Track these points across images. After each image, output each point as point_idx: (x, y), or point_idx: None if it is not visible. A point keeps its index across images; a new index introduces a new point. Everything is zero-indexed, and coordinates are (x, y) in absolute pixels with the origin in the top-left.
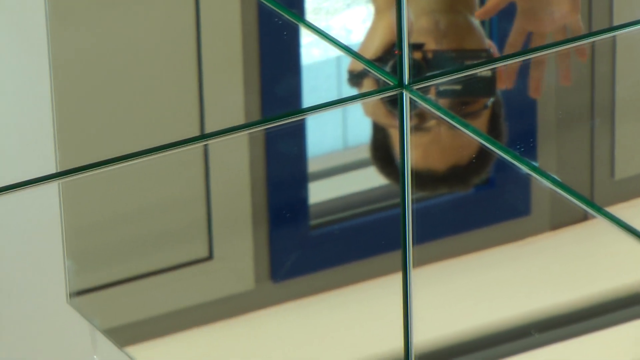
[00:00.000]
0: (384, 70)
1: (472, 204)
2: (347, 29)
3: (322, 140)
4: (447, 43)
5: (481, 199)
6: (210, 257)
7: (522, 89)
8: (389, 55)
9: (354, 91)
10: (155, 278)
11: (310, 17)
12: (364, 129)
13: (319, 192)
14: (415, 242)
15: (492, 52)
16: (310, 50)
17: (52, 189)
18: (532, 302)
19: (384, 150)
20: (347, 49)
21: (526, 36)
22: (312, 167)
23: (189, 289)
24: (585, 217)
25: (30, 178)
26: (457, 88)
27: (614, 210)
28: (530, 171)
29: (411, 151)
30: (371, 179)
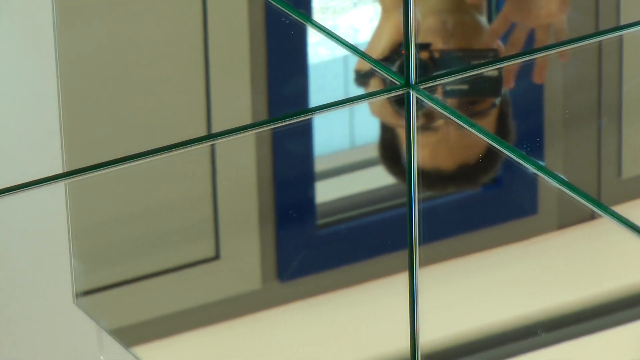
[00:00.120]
0: (391, 70)
1: (479, 204)
2: (354, 28)
3: (329, 139)
4: (455, 42)
5: (488, 198)
6: (217, 257)
7: (528, 88)
8: (396, 55)
9: (361, 91)
10: (162, 278)
11: (318, 16)
12: (372, 128)
13: (326, 191)
14: (422, 242)
15: (499, 51)
16: (318, 50)
17: (59, 189)
18: (539, 301)
19: (392, 149)
20: (354, 49)
21: (509, 26)
22: (319, 166)
23: (196, 289)
24: (592, 217)
25: (37, 178)
26: (464, 88)
27: (621, 209)
28: (537, 171)
29: (419, 150)
30: (379, 178)
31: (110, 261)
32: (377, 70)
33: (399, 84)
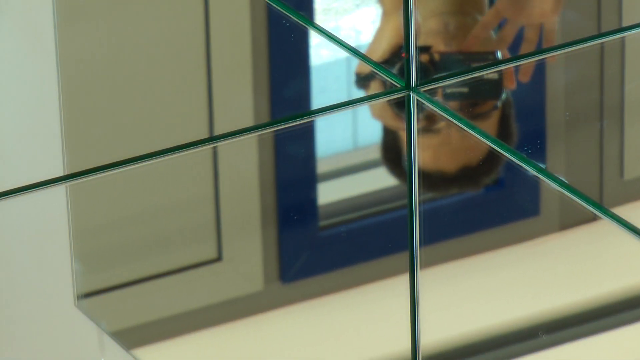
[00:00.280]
0: (392, 72)
1: (480, 205)
2: (357, 30)
3: (330, 141)
4: (456, 45)
5: (490, 200)
6: (219, 259)
7: (528, 90)
8: (397, 58)
9: (362, 93)
10: (164, 280)
11: (320, 17)
12: (374, 129)
13: (329, 192)
14: (423, 243)
15: (500, 54)
16: (320, 51)
17: (60, 191)
18: (541, 303)
19: (394, 151)
20: (354, 52)
21: (500, 20)
22: (321, 168)
23: (198, 291)
24: (595, 218)
25: (38, 181)
26: (464, 90)
27: (623, 210)
28: (538, 173)
29: (421, 153)
30: (381, 179)
31: (111, 263)
32: (378, 72)
33: (399, 86)
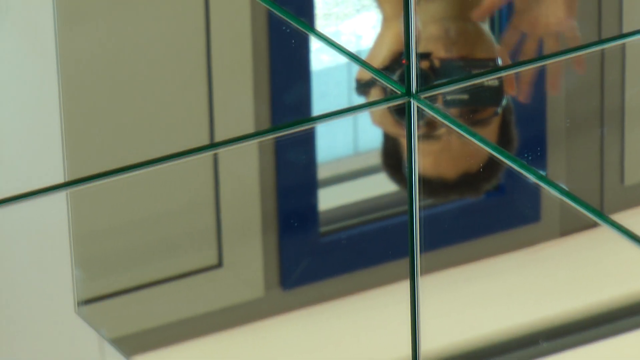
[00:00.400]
0: (392, 79)
1: (480, 211)
2: (357, 35)
3: (331, 146)
4: (457, 50)
5: (490, 206)
6: (220, 265)
7: (529, 96)
8: (397, 65)
9: (363, 99)
10: (164, 286)
11: (321, 22)
12: (374, 135)
13: (329, 198)
14: (423, 250)
15: (501, 60)
16: (320, 56)
17: (60, 198)
18: (541, 309)
19: (395, 157)
20: (355, 58)
21: (520, 36)
22: (322, 173)
23: (198, 297)
24: (596, 224)
25: (38, 187)
26: (464, 97)
27: (624, 216)
28: (538, 180)
29: (422, 159)
30: (382, 185)
31: (112, 270)
32: (378, 79)
33: (399, 93)
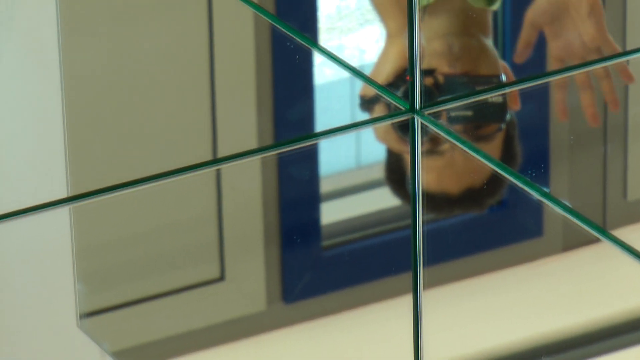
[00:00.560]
0: (396, 95)
1: (483, 226)
2: (361, 49)
3: (334, 160)
4: (461, 66)
5: (493, 221)
6: (222, 279)
7: (530, 113)
8: (401, 81)
9: (366, 115)
10: (166, 300)
11: (324, 36)
12: (377, 148)
13: (332, 212)
14: (426, 264)
15: (505, 76)
16: (323, 70)
17: (64, 213)
18: (543, 324)
19: (399, 172)
20: (359, 74)
21: (566, 64)
22: (325, 187)
23: (200, 311)
24: (599, 239)
25: (41, 202)
26: (468, 114)
27: (626, 231)
28: (542, 197)
29: (425, 174)
30: (385, 199)
31: (114, 283)
32: (382, 95)
33: (403, 109)
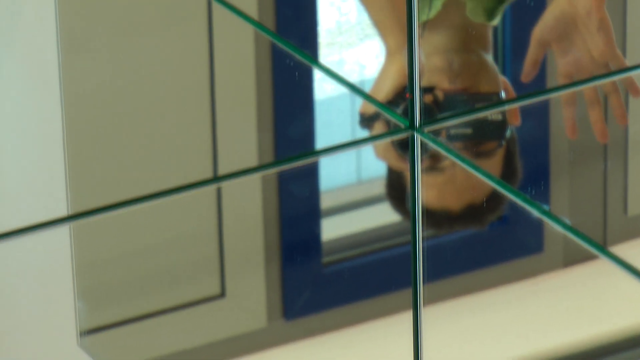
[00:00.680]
0: (396, 112)
1: (484, 242)
2: (361, 64)
3: (335, 176)
4: (461, 82)
5: (493, 237)
6: (223, 295)
7: (531, 130)
8: (401, 98)
9: (366, 132)
10: (167, 316)
11: (324, 51)
12: (378, 165)
13: (332, 229)
14: (426, 280)
15: (505, 92)
16: (323, 85)
17: (64, 231)
18: (543, 341)
19: (399, 189)
20: (359, 92)
21: (574, 79)
22: (325, 203)
23: (201, 327)
24: (599, 256)
25: (41, 221)
26: (468, 132)
27: (626, 247)
28: (542, 215)
29: (426, 191)
30: (385, 215)
31: (114, 301)
32: (382, 112)
33: (403, 126)
